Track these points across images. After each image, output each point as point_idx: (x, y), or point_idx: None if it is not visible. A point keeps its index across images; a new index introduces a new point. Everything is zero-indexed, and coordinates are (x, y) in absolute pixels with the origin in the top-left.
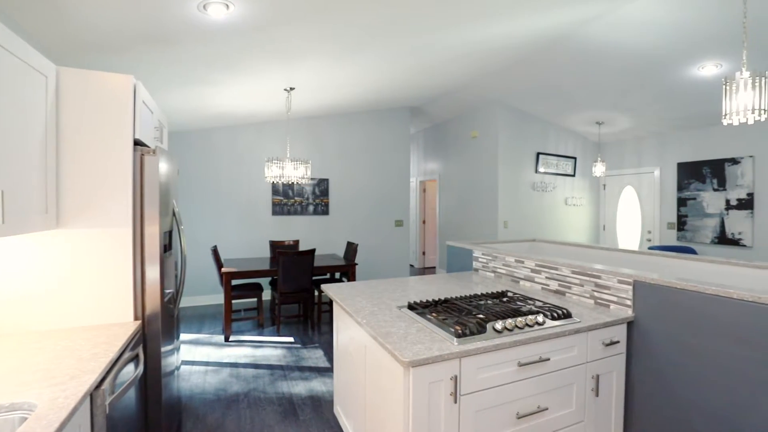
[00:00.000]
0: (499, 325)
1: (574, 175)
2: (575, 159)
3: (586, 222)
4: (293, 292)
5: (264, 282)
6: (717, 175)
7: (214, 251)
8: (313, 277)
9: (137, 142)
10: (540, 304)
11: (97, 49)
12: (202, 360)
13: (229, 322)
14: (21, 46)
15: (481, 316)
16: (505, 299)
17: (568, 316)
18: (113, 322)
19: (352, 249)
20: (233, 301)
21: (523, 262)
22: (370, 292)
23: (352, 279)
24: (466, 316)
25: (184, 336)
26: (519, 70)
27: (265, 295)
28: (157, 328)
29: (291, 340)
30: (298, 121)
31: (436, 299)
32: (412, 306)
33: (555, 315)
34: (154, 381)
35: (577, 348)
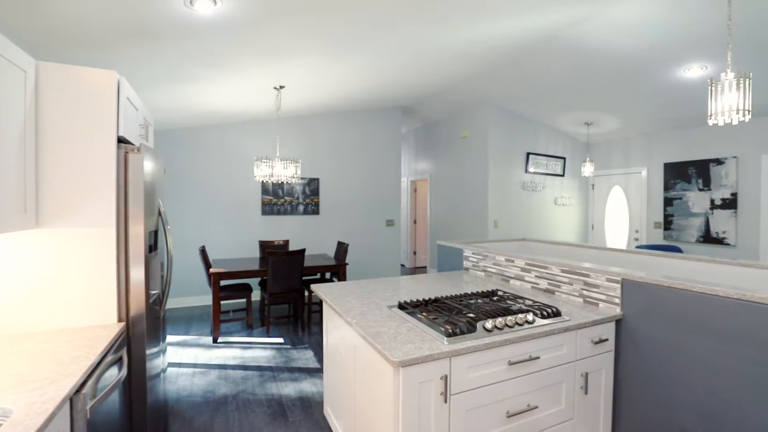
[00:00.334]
0: (489, 324)
1: (563, 175)
2: (564, 159)
3: (575, 221)
4: (283, 293)
5: (253, 282)
6: (702, 176)
7: (203, 251)
8: (303, 277)
9: (121, 140)
10: (530, 303)
11: (79, 44)
12: (189, 362)
13: (217, 323)
14: None
15: (471, 315)
16: (495, 298)
17: (557, 314)
18: (96, 324)
19: (342, 249)
20: (222, 301)
21: (513, 262)
22: (360, 292)
23: (342, 279)
24: (456, 315)
25: (171, 338)
26: (509, 70)
27: (255, 295)
28: (142, 329)
29: (280, 340)
30: (287, 120)
31: (427, 299)
32: (402, 305)
33: (545, 313)
34: (138, 384)
35: (566, 346)
